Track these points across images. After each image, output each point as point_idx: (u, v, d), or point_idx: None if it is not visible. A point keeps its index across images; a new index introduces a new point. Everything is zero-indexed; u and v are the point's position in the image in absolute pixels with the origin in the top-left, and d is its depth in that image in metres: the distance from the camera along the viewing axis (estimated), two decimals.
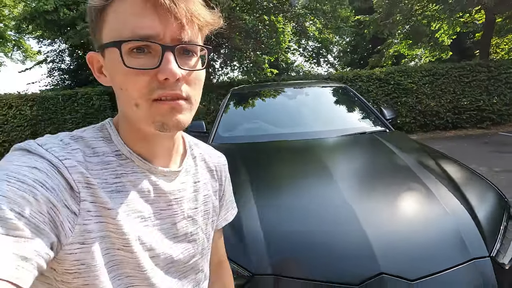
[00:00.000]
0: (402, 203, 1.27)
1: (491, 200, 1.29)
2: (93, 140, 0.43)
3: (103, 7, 0.40)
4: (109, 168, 0.42)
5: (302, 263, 1.03)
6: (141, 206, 0.44)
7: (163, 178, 0.47)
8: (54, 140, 0.41)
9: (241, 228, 1.14)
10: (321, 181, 1.45)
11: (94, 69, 0.46)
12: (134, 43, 0.38)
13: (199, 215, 0.54)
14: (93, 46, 1.46)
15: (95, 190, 0.39)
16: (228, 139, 2.22)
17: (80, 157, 0.40)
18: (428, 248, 1.04)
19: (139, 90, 0.39)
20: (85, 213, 0.38)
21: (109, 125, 0.46)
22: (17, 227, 0.31)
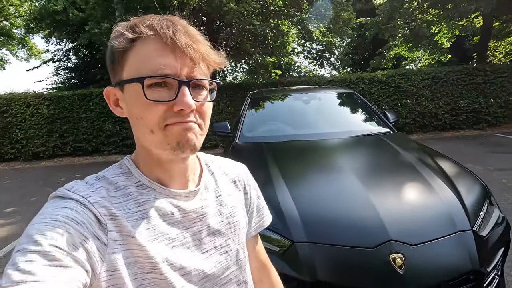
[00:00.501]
0: (405, 190, 1.60)
1: (476, 190, 1.62)
2: (113, 177, 0.48)
3: (125, 49, 0.45)
4: (131, 198, 0.47)
5: (329, 233, 1.35)
6: (166, 228, 0.47)
7: (183, 199, 0.51)
8: (80, 183, 0.47)
9: (279, 208, 1.46)
10: (338, 172, 1.78)
11: (110, 102, 0.50)
12: (155, 79, 0.43)
13: (227, 227, 0.56)
14: (99, 45, 2.01)
15: (119, 220, 0.44)
16: (252, 138, 2.54)
17: (103, 193, 0.45)
18: (425, 223, 1.37)
19: (156, 119, 0.44)
20: (112, 243, 0.42)
21: (127, 161, 0.51)
22: (56, 258, 0.36)
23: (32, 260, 0.35)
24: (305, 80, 7.99)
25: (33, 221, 0.40)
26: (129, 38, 0.44)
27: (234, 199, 0.60)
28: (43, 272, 0.34)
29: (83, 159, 7.54)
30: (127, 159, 0.51)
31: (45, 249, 0.36)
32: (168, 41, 0.43)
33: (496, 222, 1.51)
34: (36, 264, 0.34)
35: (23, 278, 0.33)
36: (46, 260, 0.35)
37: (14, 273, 0.34)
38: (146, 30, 0.43)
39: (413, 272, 1.20)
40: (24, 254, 0.35)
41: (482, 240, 1.37)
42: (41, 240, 0.36)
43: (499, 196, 3.58)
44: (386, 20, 9.74)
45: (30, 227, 0.39)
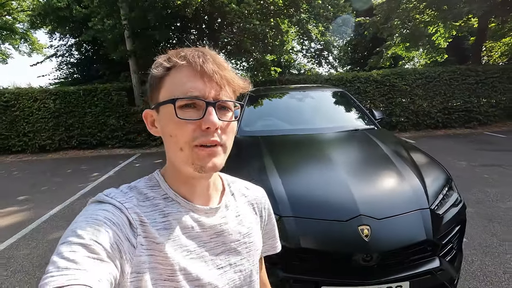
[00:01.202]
0: (378, 176, 1.89)
1: (438, 177, 1.90)
2: (143, 188, 0.53)
3: (162, 76, 0.51)
4: (157, 209, 0.51)
5: (311, 209, 1.63)
6: (185, 240, 0.51)
7: (204, 215, 0.55)
8: (116, 190, 0.51)
9: (271, 190, 1.74)
10: (323, 161, 2.06)
11: (148, 122, 0.55)
12: (185, 100, 0.48)
13: (243, 247, 0.59)
14: (102, 41, 2.44)
15: (146, 227, 0.48)
16: (250, 132, 2.82)
17: (135, 201, 0.50)
18: (391, 202, 1.66)
19: (186, 137, 0.49)
20: (140, 246, 0.46)
21: (157, 175, 0.56)
22: (96, 251, 0.40)
23: (75, 251, 0.39)
24: (303, 79, 8.26)
25: (76, 219, 0.45)
26: (166, 66, 0.51)
27: (251, 221, 0.63)
28: (84, 261, 0.38)
29: (88, 152, 7.82)
30: (157, 173, 0.56)
31: (86, 242, 0.40)
32: (197, 68, 0.49)
33: (453, 203, 1.79)
34: (78, 254, 0.39)
35: (68, 265, 0.37)
36: (87, 251, 0.40)
37: (60, 261, 0.38)
38: (180, 60, 0.50)
39: (376, 240, 1.48)
40: (69, 245, 0.40)
41: (437, 217, 1.65)
42: (83, 234, 0.41)
43: (479, 189, 3.87)
44: (383, 20, 9.98)
45: (73, 224, 0.43)
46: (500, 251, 2.51)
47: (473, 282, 2.16)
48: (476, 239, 2.72)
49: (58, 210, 3.95)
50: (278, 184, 1.78)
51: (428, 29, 10.29)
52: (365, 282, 1.49)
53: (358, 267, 1.49)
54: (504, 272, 2.23)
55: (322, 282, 1.51)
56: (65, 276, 0.36)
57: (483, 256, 2.46)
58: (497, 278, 2.18)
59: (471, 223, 3.00)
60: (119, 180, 5.21)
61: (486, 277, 2.20)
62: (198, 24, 8.17)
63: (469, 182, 4.15)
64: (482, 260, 2.41)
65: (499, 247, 2.57)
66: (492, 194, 3.71)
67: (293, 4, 7.33)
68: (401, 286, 1.52)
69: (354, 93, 7.94)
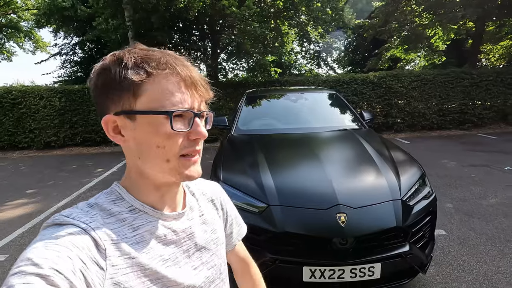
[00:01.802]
0: (357, 171, 2.10)
1: (413, 172, 2.11)
2: (105, 203, 0.49)
3: (141, 82, 0.46)
4: (126, 224, 0.48)
5: (295, 199, 1.85)
6: (160, 250, 0.50)
7: (173, 221, 0.54)
8: (76, 210, 0.47)
9: (261, 182, 1.96)
10: (310, 157, 2.27)
11: (109, 129, 0.49)
12: (179, 112, 0.47)
13: (211, 243, 0.60)
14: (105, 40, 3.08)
15: (118, 244, 0.45)
16: (245, 131, 3.03)
17: (100, 219, 0.46)
18: (367, 193, 1.87)
19: (175, 148, 0.48)
20: (111, 268, 0.43)
21: (117, 187, 0.53)
22: (55, 284, 0.36)
23: (30, 283, 0.35)
24: (301, 80, 8.46)
25: (31, 245, 0.40)
26: (148, 72, 0.47)
27: (214, 217, 0.65)
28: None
29: (92, 149, 8.06)
30: (117, 185, 0.53)
31: (45, 272, 0.36)
32: (187, 80, 0.48)
33: (425, 196, 2.00)
34: (34, 286, 0.34)
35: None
36: (45, 283, 0.35)
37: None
38: (165, 68, 0.47)
39: (351, 225, 1.70)
40: (23, 276, 0.35)
41: (408, 207, 1.86)
42: (41, 263, 0.37)
43: (465, 187, 4.08)
44: (382, 23, 10.17)
45: (28, 252, 0.38)
46: (475, 243, 2.72)
47: (447, 269, 2.36)
48: (455, 233, 2.92)
49: (66, 203, 4.18)
50: (268, 177, 2.00)
51: (427, 31, 10.47)
52: (341, 263, 1.71)
53: (336, 249, 1.70)
54: (476, 262, 2.44)
55: (304, 262, 1.73)
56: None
57: (459, 247, 2.67)
58: (470, 266, 2.39)
59: (453, 218, 3.21)
60: (123, 175, 5.42)
61: (459, 265, 2.41)
62: (200, 25, 8.39)
63: (456, 181, 4.35)
64: (458, 251, 2.61)
65: (475, 240, 2.78)
66: (476, 192, 3.92)
67: (292, 7, 7.54)
68: (374, 267, 1.73)
69: (351, 94, 8.15)
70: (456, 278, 2.26)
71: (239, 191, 1.97)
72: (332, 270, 1.70)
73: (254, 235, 1.81)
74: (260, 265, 1.76)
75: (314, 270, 1.71)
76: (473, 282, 2.20)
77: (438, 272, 2.33)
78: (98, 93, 0.50)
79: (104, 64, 0.49)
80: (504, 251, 2.57)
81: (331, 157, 2.33)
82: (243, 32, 7.14)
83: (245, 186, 1.99)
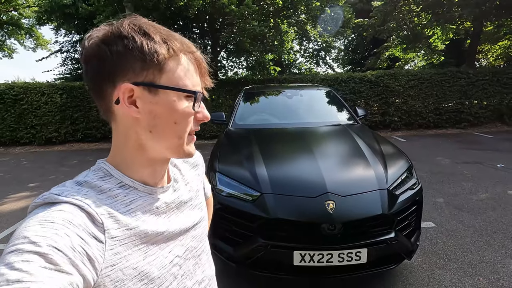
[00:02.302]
0: (347, 163, 2.20)
1: (400, 165, 2.21)
2: (95, 181, 0.49)
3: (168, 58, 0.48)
4: (118, 200, 0.49)
5: (287, 187, 1.95)
6: (154, 221, 0.52)
7: (162, 194, 0.56)
8: (65, 188, 0.46)
9: (255, 172, 2.06)
10: (302, 150, 2.37)
11: (124, 99, 0.47)
12: (199, 94, 0.51)
13: (197, 207, 0.64)
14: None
15: (115, 217, 0.47)
16: (242, 125, 3.13)
17: (93, 196, 0.47)
18: (355, 183, 1.97)
19: (189, 126, 0.52)
20: (110, 240, 0.44)
21: (104, 164, 0.52)
22: (54, 262, 0.36)
23: (29, 260, 0.35)
24: (300, 78, 8.55)
25: (24, 225, 0.39)
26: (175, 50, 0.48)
27: (197, 183, 0.68)
28: (40, 273, 0.34)
29: (93, 145, 8.16)
30: (103, 163, 0.52)
31: (43, 250, 0.36)
32: (203, 65, 0.52)
33: (410, 186, 2.10)
34: (33, 264, 0.34)
35: (20, 277, 0.33)
36: (44, 261, 0.35)
37: (10, 272, 0.33)
38: (186, 48, 0.50)
39: (339, 212, 1.80)
40: (20, 254, 0.35)
41: (394, 196, 1.96)
42: (39, 241, 0.36)
43: (457, 183, 4.18)
44: (381, 22, 10.25)
45: (23, 230, 0.38)
46: (462, 235, 2.82)
47: (434, 258, 2.47)
48: (444, 225, 3.03)
49: None
50: (261, 168, 2.10)
51: (425, 31, 10.55)
52: (330, 247, 1.81)
53: (325, 235, 1.80)
54: (462, 252, 2.54)
55: (295, 247, 1.83)
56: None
57: (447, 238, 2.77)
58: (455, 256, 2.49)
59: (443, 212, 3.32)
60: None
61: (446, 255, 2.51)
62: (200, 24, 8.48)
63: (449, 177, 4.46)
64: (445, 242, 2.72)
65: (462, 232, 2.88)
66: (467, 187, 4.02)
67: (291, 5, 7.62)
68: (360, 252, 1.83)
69: (349, 92, 8.24)
70: (441, 266, 2.36)
71: (234, 181, 2.07)
72: (321, 254, 1.80)
73: (247, 222, 1.92)
74: (253, 250, 1.89)
75: (304, 254, 1.81)
76: (457, 270, 2.31)
77: (424, 261, 2.43)
78: (111, 60, 0.46)
79: (123, 31, 0.46)
80: (489, 242, 2.68)
81: (324, 150, 2.43)
82: (242, 31, 7.23)
83: (240, 176, 2.09)
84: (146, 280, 0.48)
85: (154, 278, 0.49)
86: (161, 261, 0.51)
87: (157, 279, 0.50)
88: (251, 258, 1.90)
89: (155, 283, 0.50)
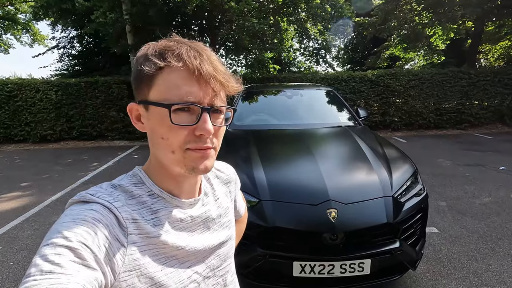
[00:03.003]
0: (349, 167, 2.10)
1: (405, 170, 2.11)
2: (128, 185, 0.52)
3: (153, 74, 0.48)
4: (145, 206, 0.51)
5: (287, 194, 1.84)
6: (176, 235, 0.52)
7: (189, 207, 0.56)
8: (101, 190, 0.50)
9: (253, 177, 1.95)
10: (303, 153, 2.27)
11: (133, 117, 0.53)
12: (180, 105, 0.47)
13: (225, 225, 0.63)
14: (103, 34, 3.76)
15: (139, 223, 0.48)
16: (240, 126, 3.03)
17: (123, 200, 0.49)
18: (358, 190, 1.87)
19: (178, 141, 0.49)
20: (131, 245, 0.46)
21: (139, 171, 0.55)
22: (82, 256, 0.39)
23: (61, 254, 0.38)
24: (300, 77, 8.44)
25: (60, 220, 0.43)
26: (158, 65, 0.48)
27: (227, 200, 0.67)
28: (70, 266, 0.37)
29: (88, 143, 8.02)
30: (139, 170, 0.55)
31: (74, 245, 0.39)
32: (195, 72, 0.47)
33: (416, 193, 2.00)
34: (64, 258, 0.37)
35: (52, 269, 0.36)
36: (74, 255, 0.38)
37: (44, 264, 0.36)
38: (175, 61, 0.47)
39: (342, 221, 1.70)
40: (54, 247, 0.38)
41: (399, 204, 1.86)
42: (71, 236, 0.39)
43: (459, 186, 4.10)
44: (381, 21, 10.13)
45: (58, 225, 0.42)
46: (467, 241, 2.73)
47: (438, 266, 2.38)
48: (447, 231, 2.94)
49: (60, 196, 4.16)
50: (260, 172, 1.99)
51: (426, 30, 10.44)
52: (331, 258, 1.71)
53: (326, 245, 1.70)
54: (467, 260, 2.46)
55: (294, 257, 1.73)
56: (49, 280, 0.35)
57: (451, 245, 2.68)
58: (460, 264, 2.40)
59: (445, 217, 3.23)
60: (119, 169, 5.42)
61: (450, 262, 2.42)
62: (199, 20, 8.33)
63: (451, 179, 4.37)
64: (449, 248, 2.63)
65: (466, 238, 2.79)
66: (470, 191, 3.94)
67: (291, 3, 7.50)
68: (363, 263, 1.73)
69: (349, 92, 8.14)
70: (446, 275, 2.27)
71: None
72: (322, 265, 1.71)
73: (245, 230, 1.81)
74: (251, 259, 1.78)
75: (304, 265, 1.72)
76: (463, 279, 2.22)
77: (428, 269, 2.34)
78: (132, 81, 0.53)
79: (137, 55, 0.52)
80: (495, 249, 2.59)
81: (325, 153, 2.33)
82: (241, 28, 7.11)
83: None
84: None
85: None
86: (179, 275, 0.52)
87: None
88: (248, 268, 1.80)
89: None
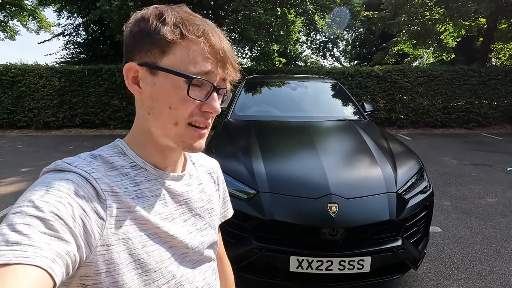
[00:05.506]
0: (353, 162, 2.02)
1: (410, 166, 2.03)
2: (109, 156, 0.49)
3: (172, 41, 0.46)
4: (127, 178, 0.49)
5: (286, 186, 1.77)
6: (159, 207, 0.51)
7: (173, 181, 0.55)
8: (79, 159, 0.47)
9: (252, 168, 1.88)
10: (305, 146, 2.19)
11: (129, 78, 0.49)
12: (198, 80, 0.46)
13: (205, 213, 0.61)
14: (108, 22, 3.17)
15: (119, 197, 0.46)
16: (242, 116, 2.95)
17: (102, 171, 0.46)
18: (361, 184, 1.79)
19: (186, 114, 0.48)
20: (110, 218, 0.44)
21: (120, 143, 0.53)
22: (54, 228, 0.36)
23: (30, 224, 0.35)
24: (305, 70, 8.30)
25: (32, 188, 0.40)
26: (183, 34, 0.46)
27: (211, 188, 0.65)
28: (39, 237, 0.35)
29: (91, 131, 8.01)
30: (120, 141, 0.53)
31: (46, 216, 0.36)
32: (219, 54, 0.48)
33: (421, 190, 1.92)
34: (34, 229, 0.35)
35: (19, 239, 0.34)
36: (44, 227, 0.36)
37: (11, 234, 0.34)
38: (199, 34, 0.47)
39: (342, 216, 1.63)
40: (23, 216, 0.36)
41: (403, 201, 1.78)
42: (43, 206, 0.37)
43: (465, 186, 4.00)
44: (391, 16, 9.90)
45: (29, 193, 0.39)
46: (471, 242, 2.65)
47: (440, 266, 2.30)
48: (451, 231, 2.86)
49: None
50: (259, 163, 1.92)
51: (437, 27, 10.19)
52: (330, 254, 1.64)
53: (325, 240, 1.64)
54: (470, 261, 2.38)
55: (292, 252, 1.67)
56: (14, 252, 0.33)
57: (454, 245, 2.60)
58: (463, 265, 2.33)
59: (450, 216, 3.14)
60: None
61: (453, 263, 2.35)
62: (205, 10, 8.19)
63: (457, 179, 4.27)
64: (453, 249, 2.55)
65: (471, 239, 2.71)
66: (475, 191, 3.84)
67: None
68: (363, 260, 1.66)
69: (355, 87, 7.99)
70: (448, 276, 2.20)
71: (228, 176, 1.89)
72: (320, 261, 1.64)
73: (241, 222, 1.75)
74: (246, 252, 1.72)
75: (301, 260, 1.65)
76: (465, 280, 2.15)
77: (430, 269, 2.27)
78: (130, 40, 0.49)
79: (145, 14, 0.48)
80: (500, 251, 2.51)
81: (327, 147, 2.25)
82: (247, 18, 6.96)
83: (235, 171, 1.92)
84: (141, 270, 0.47)
85: (150, 270, 0.47)
86: (160, 254, 0.49)
87: (153, 272, 0.48)
88: (244, 261, 1.74)
89: (151, 276, 0.47)
